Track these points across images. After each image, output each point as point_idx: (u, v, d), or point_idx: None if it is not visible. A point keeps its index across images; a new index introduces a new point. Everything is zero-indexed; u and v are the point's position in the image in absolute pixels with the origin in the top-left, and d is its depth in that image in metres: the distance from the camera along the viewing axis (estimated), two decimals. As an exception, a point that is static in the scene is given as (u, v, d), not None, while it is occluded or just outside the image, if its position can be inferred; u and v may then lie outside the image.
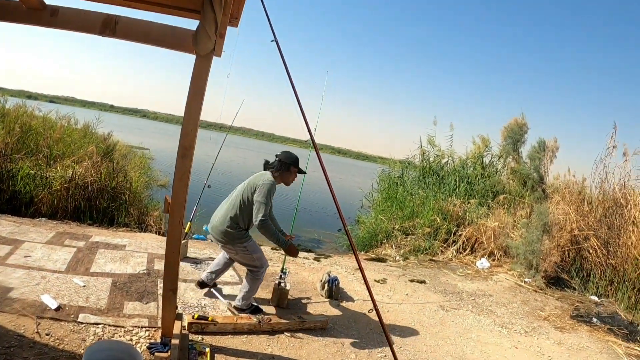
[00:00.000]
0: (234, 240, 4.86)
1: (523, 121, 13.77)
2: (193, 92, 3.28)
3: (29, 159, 8.59)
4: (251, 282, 5.07)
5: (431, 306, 6.69)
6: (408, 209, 12.11)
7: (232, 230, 4.83)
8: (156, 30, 3.36)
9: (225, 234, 4.84)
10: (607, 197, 10.20)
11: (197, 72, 3.28)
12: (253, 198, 4.76)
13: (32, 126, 10.27)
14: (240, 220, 4.87)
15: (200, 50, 3.21)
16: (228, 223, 4.83)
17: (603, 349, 6.10)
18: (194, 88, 3.28)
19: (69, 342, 3.75)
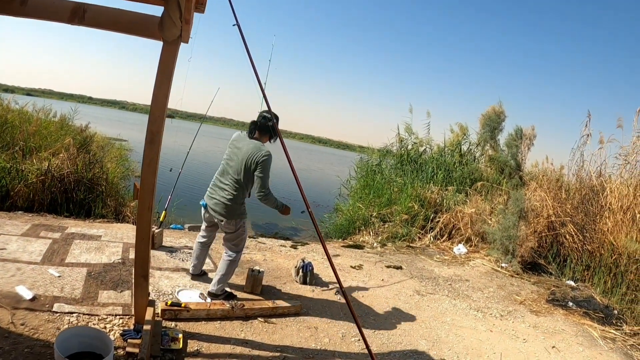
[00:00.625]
0: (236, 215, 4.97)
1: (501, 109, 13.84)
2: (160, 78, 3.28)
3: (4, 153, 8.49)
4: (228, 266, 5.11)
5: (407, 291, 6.74)
6: (386, 196, 12.16)
7: (237, 206, 4.93)
8: (124, 18, 3.35)
9: (231, 209, 4.91)
10: (584, 185, 10.37)
11: (164, 58, 3.28)
12: (255, 173, 4.80)
13: (7, 120, 10.13)
14: (243, 195, 4.97)
15: (166, 37, 3.21)
16: (234, 198, 4.89)
17: (578, 332, 6.18)
18: (161, 74, 3.28)
19: (44, 331, 3.75)
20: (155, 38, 3.32)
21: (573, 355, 5.43)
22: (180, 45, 3.35)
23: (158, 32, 3.22)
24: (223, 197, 4.90)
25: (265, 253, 7.36)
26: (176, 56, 3.31)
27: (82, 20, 3.26)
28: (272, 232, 10.79)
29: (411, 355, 4.77)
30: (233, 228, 5.02)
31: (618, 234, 8.66)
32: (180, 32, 3.23)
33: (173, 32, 3.17)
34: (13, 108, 11.66)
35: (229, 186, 4.90)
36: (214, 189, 5.06)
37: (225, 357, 4.04)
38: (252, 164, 4.76)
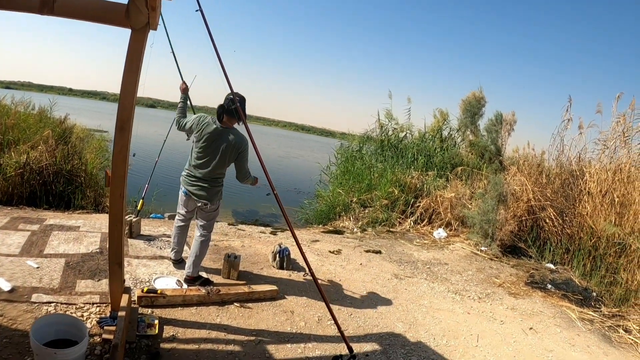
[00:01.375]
0: (219, 197, 5.14)
1: (481, 95, 13.95)
2: (129, 66, 3.28)
3: None
4: (202, 247, 5.18)
5: (385, 275, 6.80)
6: (366, 181, 12.23)
7: (219, 188, 5.11)
8: (92, 7, 3.34)
9: (214, 192, 5.04)
10: (564, 170, 10.50)
11: (132, 46, 3.28)
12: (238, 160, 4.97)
13: None
14: (223, 179, 5.16)
15: (133, 24, 3.21)
16: (217, 183, 5.07)
17: (556, 314, 6.27)
18: (130, 62, 3.28)
19: (22, 322, 3.77)
20: (123, 26, 3.31)
21: (550, 337, 5.51)
22: (148, 32, 3.34)
23: (125, 20, 3.22)
24: (206, 183, 4.98)
25: (244, 240, 7.38)
26: (144, 43, 3.31)
27: (52, 10, 3.25)
28: (252, 219, 10.79)
29: (387, 337, 4.83)
30: (214, 209, 5.16)
31: (597, 217, 8.80)
32: (147, 19, 3.23)
33: (140, 20, 3.18)
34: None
35: (212, 172, 4.97)
36: (194, 175, 5.04)
37: (201, 341, 4.08)
38: (236, 154, 4.93)
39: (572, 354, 5.14)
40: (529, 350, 5.07)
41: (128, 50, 3.29)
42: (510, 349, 5.02)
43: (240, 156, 4.94)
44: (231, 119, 4.93)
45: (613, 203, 8.76)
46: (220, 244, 6.94)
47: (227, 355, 3.94)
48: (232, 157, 4.94)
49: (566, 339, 5.52)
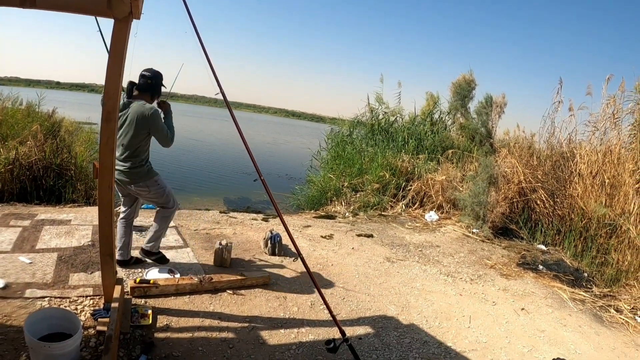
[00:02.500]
0: (144, 177, 4.82)
1: (471, 77, 13.96)
2: (113, 56, 3.26)
3: None
4: (161, 221, 5.09)
5: (377, 258, 6.84)
6: (357, 166, 12.28)
7: (141, 168, 4.79)
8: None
9: (135, 173, 4.76)
10: (554, 151, 10.58)
11: (115, 36, 3.25)
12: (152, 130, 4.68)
13: None
14: (143, 157, 4.82)
15: (115, 14, 3.18)
16: (135, 162, 4.74)
17: (548, 294, 6.33)
18: (114, 52, 3.25)
19: (17, 318, 3.78)
20: (106, 16, 3.28)
21: (542, 317, 5.57)
22: (131, 22, 3.30)
23: (108, 10, 3.20)
24: (125, 165, 4.72)
25: (235, 227, 7.41)
26: (128, 33, 3.28)
27: (34, 4, 3.23)
28: (244, 207, 10.84)
29: (380, 320, 4.87)
30: (147, 190, 4.88)
31: (588, 199, 8.88)
32: (130, 9, 3.21)
33: (122, 9, 3.15)
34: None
35: (128, 152, 4.71)
36: (118, 160, 4.74)
37: (195, 329, 4.11)
38: (143, 124, 4.61)
39: (563, 334, 5.19)
40: (521, 330, 5.12)
41: (111, 41, 3.26)
42: (502, 330, 5.07)
43: (152, 126, 4.63)
44: (143, 94, 4.75)
45: (603, 184, 8.83)
46: (212, 232, 6.96)
47: (220, 342, 3.98)
48: (142, 128, 4.60)
49: (558, 319, 5.57)
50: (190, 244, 6.30)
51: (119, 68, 3.31)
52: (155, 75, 4.74)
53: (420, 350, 4.38)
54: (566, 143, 10.45)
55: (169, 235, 6.41)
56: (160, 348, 3.72)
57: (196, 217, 7.84)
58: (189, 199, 11.22)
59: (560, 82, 10.89)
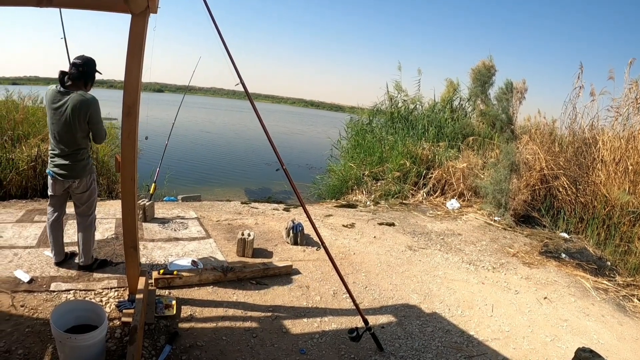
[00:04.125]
0: (86, 172, 4.56)
1: (491, 63, 13.78)
2: (132, 52, 3.28)
3: None
4: (86, 231, 4.73)
5: (399, 247, 6.83)
6: (377, 154, 12.26)
7: (84, 162, 4.53)
8: (90, -6, 3.35)
9: (78, 167, 4.49)
10: (576, 138, 10.39)
11: (133, 30, 3.27)
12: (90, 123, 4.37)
13: None
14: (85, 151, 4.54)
15: (133, 9, 3.18)
16: (78, 157, 4.48)
17: (571, 283, 6.26)
18: (132, 47, 3.27)
19: (43, 310, 3.84)
20: (123, 11, 3.29)
21: (565, 306, 5.51)
22: (149, 16, 3.31)
23: (125, 5, 3.20)
24: (66, 161, 4.44)
25: (257, 217, 7.45)
26: (146, 28, 3.29)
27: (51, 2, 3.25)
28: (265, 197, 10.91)
29: (402, 309, 4.87)
30: (85, 188, 4.61)
31: (611, 186, 8.72)
32: (147, 3, 3.21)
33: (139, 4, 3.16)
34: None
35: (68, 147, 4.42)
36: (54, 155, 4.53)
37: (218, 320, 4.14)
38: (86, 116, 4.30)
39: (586, 323, 5.13)
40: (543, 319, 5.08)
41: (130, 36, 3.28)
42: (525, 319, 5.03)
43: (93, 117, 4.33)
44: (77, 83, 4.38)
45: (627, 171, 8.67)
46: (233, 222, 7.01)
47: (244, 332, 4.00)
48: (82, 120, 4.30)
49: (580, 309, 5.51)
50: (213, 234, 6.33)
51: (139, 63, 3.33)
52: (87, 62, 4.39)
53: (442, 339, 4.37)
54: (588, 129, 10.26)
55: (192, 227, 6.48)
56: (184, 338, 3.75)
57: (218, 208, 7.88)
58: (210, 190, 11.28)
59: (581, 67, 10.67)
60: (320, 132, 32.48)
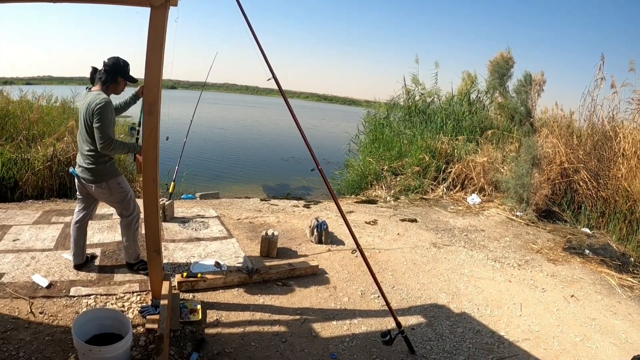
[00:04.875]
0: (104, 177, 4.36)
1: (509, 55, 13.59)
2: (152, 46, 3.14)
3: (9, 144, 8.55)
4: (126, 231, 4.68)
5: (423, 244, 6.72)
6: (396, 149, 12.18)
7: (101, 167, 4.33)
8: (107, -12, 3.25)
9: (95, 171, 4.32)
10: (595, 130, 10.19)
11: (153, 24, 3.12)
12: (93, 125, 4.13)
13: (9, 111, 10.15)
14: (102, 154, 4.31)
15: (152, 2, 3.06)
16: (94, 160, 4.29)
17: (596, 280, 6.12)
18: (152, 42, 3.13)
19: (63, 317, 3.76)
20: (142, 5, 3.16)
21: (592, 304, 5.37)
22: (169, 8, 3.16)
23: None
24: (84, 161, 4.33)
25: (278, 215, 7.38)
26: (166, 21, 3.13)
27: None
28: (283, 193, 10.86)
29: (431, 309, 4.76)
30: (107, 193, 4.44)
31: (633, 180, 8.53)
32: (166, -5, 3.10)
33: (158, -5, 3.05)
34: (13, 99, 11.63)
35: (86, 149, 4.29)
36: (78, 154, 4.50)
37: (245, 324, 4.04)
38: (90, 117, 4.13)
39: (614, 322, 4.99)
40: (572, 318, 4.94)
41: (149, 30, 3.12)
42: (554, 318, 4.90)
43: (95, 117, 4.07)
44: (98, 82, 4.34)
45: (649, 165, 8.50)
46: (255, 220, 6.93)
47: (273, 336, 3.91)
48: (91, 120, 4.12)
49: (607, 307, 5.37)
50: (235, 234, 6.25)
51: (159, 58, 3.20)
52: (111, 63, 4.32)
53: (473, 340, 4.27)
54: (608, 121, 10.07)
55: (213, 226, 6.40)
56: (211, 344, 3.66)
57: (237, 205, 7.83)
58: (228, 187, 11.22)
59: (602, 58, 10.42)
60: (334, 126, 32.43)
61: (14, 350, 3.26)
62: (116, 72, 4.32)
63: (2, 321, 3.61)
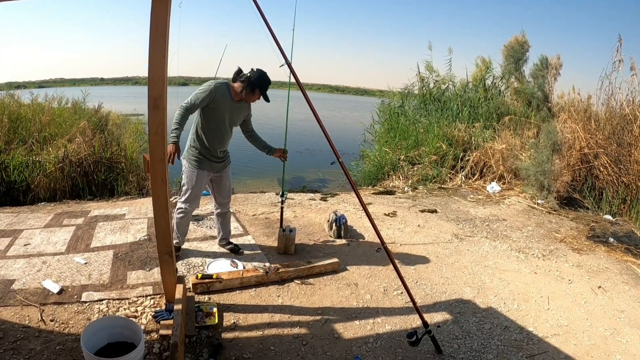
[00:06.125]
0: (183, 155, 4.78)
1: (524, 39, 13.38)
2: (154, 39, 2.95)
3: (20, 147, 8.58)
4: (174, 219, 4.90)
5: (445, 236, 6.57)
6: (412, 138, 12.02)
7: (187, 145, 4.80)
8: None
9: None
10: (614, 114, 9.93)
11: (155, 15, 2.90)
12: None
13: (20, 114, 10.24)
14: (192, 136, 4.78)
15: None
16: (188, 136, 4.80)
17: (622, 270, 5.91)
18: (155, 34, 2.93)
19: (74, 324, 3.65)
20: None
21: (619, 295, 5.17)
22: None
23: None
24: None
25: (294, 209, 7.27)
26: (169, 9, 2.94)
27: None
28: (299, 187, 10.76)
29: (457, 304, 4.60)
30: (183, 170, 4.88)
31: (655, 165, 8.30)
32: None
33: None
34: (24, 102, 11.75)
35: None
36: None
37: (264, 327, 3.90)
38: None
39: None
40: (600, 311, 4.75)
41: (151, 20, 2.89)
42: (583, 311, 4.71)
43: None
44: (239, 82, 4.70)
45: (671, 149, 8.25)
46: (270, 216, 6.82)
47: (293, 339, 3.76)
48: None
49: (635, 298, 5.16)
50: (250, 230, 6.14)
51: (162, 51, 3.00)
52: (258, 76, 4.60)
53: (501, 336, 4.09)
54: (627, 104, 9.78)
55: (227, 223, 6.27)
56: (229, 350, 3.52)
57: (252, 200, 7.73)
58: (242, 182, 11.12)
59: (619, 40, 10.17)
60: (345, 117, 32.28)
61: (24, 361, 3.13)
62: (257, 84, 4.59)
63: (12, 330, 3.49)
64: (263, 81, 4.58)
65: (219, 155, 4.80)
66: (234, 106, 4.64)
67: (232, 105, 4.63)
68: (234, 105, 4.65)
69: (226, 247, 5.35)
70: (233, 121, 4.74)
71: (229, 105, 4.60)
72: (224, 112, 4.58)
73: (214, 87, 4.48)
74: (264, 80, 4.59)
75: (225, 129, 4.70)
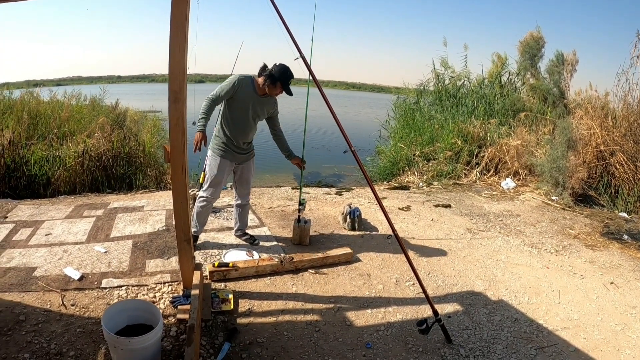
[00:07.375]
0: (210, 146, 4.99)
1: (539, 35, 13.34)
2: (175, 32, 3.04)
3: (41, 143, 8.71)
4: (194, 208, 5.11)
5: (458, 230, 6.61)
6: (427, 134, 12.03)
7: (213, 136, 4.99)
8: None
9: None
10: (631, 111, 9.85)
11: (174, 8, 3.01)
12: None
13: (40, 111, 10.45)
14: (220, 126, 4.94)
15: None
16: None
17: (636, 267, 5.90)
18: (174, 27, 3.02)
19: (94, 309, 3.76)
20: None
21: (632, 292, 5.17)
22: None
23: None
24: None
25: (310, 202, 7.30)
26: (188, 4, 3.06)
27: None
28: (315, 181, 10.80)
29: (468, 296, 4.65)
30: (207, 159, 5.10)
31: (671, 163, 8.27)
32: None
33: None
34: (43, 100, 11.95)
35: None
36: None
37: (278, 313, 3.99)
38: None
39: (655, 311, 4.83)
40: (611, 306, 4.77)
41: (171, 15, 2.98)
42: (594, 306, 4.74)
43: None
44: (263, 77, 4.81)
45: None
46: (286, 209, 6.89)
47: (306, 326, 3.85)
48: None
49: (648, 295, 5.19)
50: (266, 222, 6.22)
51: (182, 44, 3.09)
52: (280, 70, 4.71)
53: (511, 328, 4.14)
54: (645, 101, 9.74)
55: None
56: (243, 334, 3.61)
57: (268, 194, 7.80)
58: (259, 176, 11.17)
59: (637, 35, 10.07)
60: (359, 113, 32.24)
61: (45, 343, 3.26)
62: (279, 77, 4.69)
63: (34, 314, 3.61)
64: (284, 74, 4.67)
65: (242, 146, 4.93)
66: (257, 99, 4.77)
67: (256, 99, 4.75)
68: (258, 99, 4.77)
69: (242, 238, 5.45)
70: (257, 114, 4.85)
71: (253, 98, 4.73)
72: (247, 105, 4.71)
73: (238, 80, 4.65)
74: (285, 74, 4.68)
75: (248, 122, 4.82)
